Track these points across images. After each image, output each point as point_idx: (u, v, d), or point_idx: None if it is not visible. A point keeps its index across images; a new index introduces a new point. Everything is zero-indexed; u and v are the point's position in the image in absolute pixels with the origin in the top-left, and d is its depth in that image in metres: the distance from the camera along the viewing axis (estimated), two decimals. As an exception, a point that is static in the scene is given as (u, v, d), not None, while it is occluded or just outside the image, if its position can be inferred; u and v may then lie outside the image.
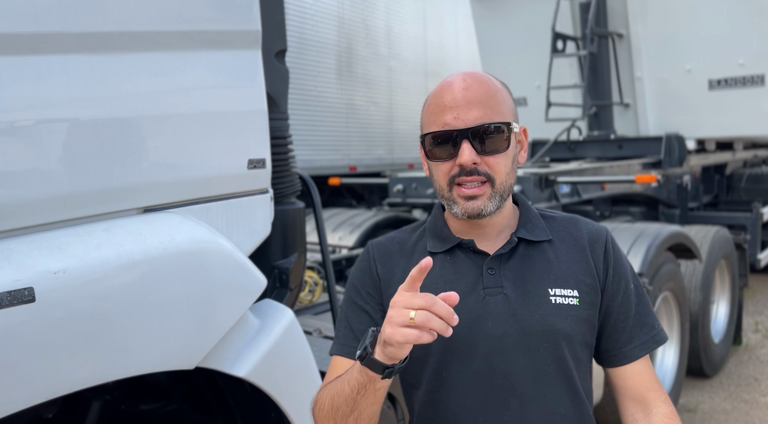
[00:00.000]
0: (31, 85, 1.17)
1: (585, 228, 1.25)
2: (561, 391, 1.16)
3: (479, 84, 1.13)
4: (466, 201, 1.12)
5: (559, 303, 1.16)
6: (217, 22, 1.47)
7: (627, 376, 1.24)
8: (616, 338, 1.23)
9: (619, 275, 1.23)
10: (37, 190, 1.18)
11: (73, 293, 1.14)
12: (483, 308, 1.15)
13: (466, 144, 1.10)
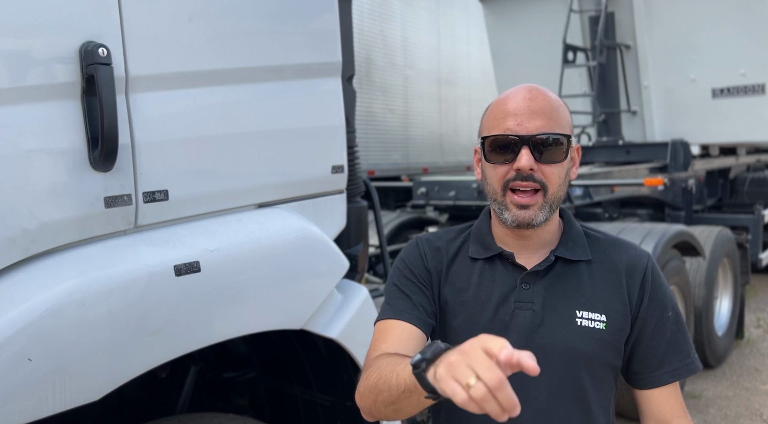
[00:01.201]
0: (193, 110, 1.58)
1: (626, 253, 1.26)
2: (573, 407, 1.21)
3: (543, 96, 1.19)
4: (517, 209, 1.17)
5: (584, 326, 1.20)
6: (312, 56, 1.89)
7: (653, 400, 1.26)
8: (647, 362, 1.25)
9: (656, 303, 1.24)
10: (194, 189, 1.59)
11: (223, 266, 1.55)
12: (511, 320, 1.21)
13: (526, 150, 1.15)
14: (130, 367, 1.38)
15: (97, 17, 1.39)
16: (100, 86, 1.34)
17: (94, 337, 1.30)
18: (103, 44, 1.36)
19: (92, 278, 1.33)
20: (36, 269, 1.30)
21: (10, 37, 1.26)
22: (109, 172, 1.41)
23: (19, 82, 1.28)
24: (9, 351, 1.19)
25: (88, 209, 1.39)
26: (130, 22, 1.44)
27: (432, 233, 1.37)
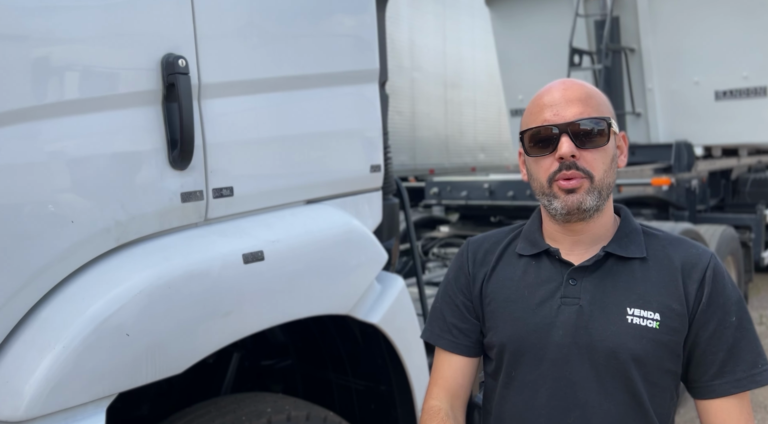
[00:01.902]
0: (253, 114, 1.76)
1: (686, 251, 1.22)
2: (628, 409, 1.16)
3: (578, 85, 1.20)
4: (566, 195, 1.15)
5: (636, 324, 1.16)
6: (354, 64, 2.07)
7: (712, 411, 1.20)
8: (704, 370, 1.19)
9: (716, 305, 1.18)
10: (255, 186, 1.77)
11: (283, 255, 1.73)
12: (557, 316, 1.19)
13: (565, 138, 1.15)
14: (208, 344, 1.55)
15: (176, 32, 1.56)
16: (180, 93, 1.52)
17: (178, 316, 1.48)
18: (182, 56, 1.54)
19: (176, 265, 1.50)
20: (127, 255, 1.48)
21: (104, 51, 1.44)
22: (185, 171, 1.59)
23: (111, 91, 1.45)
24: (111, 327, 1.36)
25: (167, 204, 1.56)
26: (202, 36, 1.61)
27: (483, 234, 1.41)
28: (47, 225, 1.34)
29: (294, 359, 2.59)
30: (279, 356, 2.64)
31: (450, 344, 1.35)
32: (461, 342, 1.34)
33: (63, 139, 1.37)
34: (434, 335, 1.37)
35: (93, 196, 1.42)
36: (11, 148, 1.28)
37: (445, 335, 1.35)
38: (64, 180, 1.37)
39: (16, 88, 1.29)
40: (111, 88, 1.45)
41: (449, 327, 1.35)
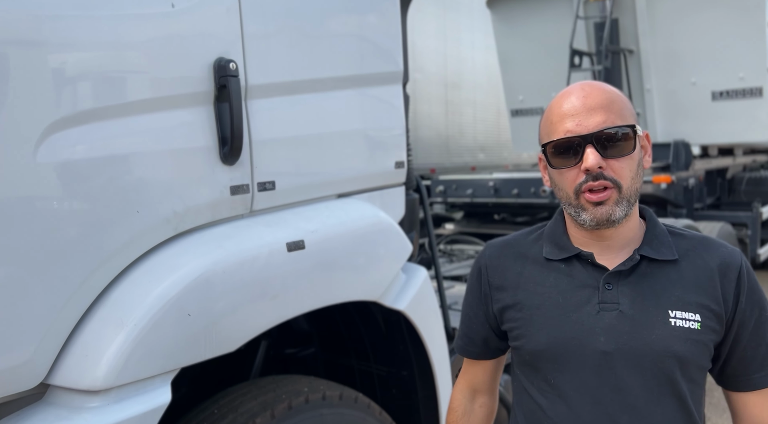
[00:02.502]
0: (292, 114, 1.90)
1: (717, 251, 1.22)
2: (674, 412, 1.17)
3: (599, 90, 1.17)
4: (594, 207, 1.14)
5: (679, 326, 1.16)
6: (382, 67, 2.21)
7: (751, 404, 1.23)
8: (746, 364, 1.21)
9: (753, 302, 1.20)
10: (294, 181, 1.91)
11: (321, 244, 1.87)
12: (596, 322, 1.17)
13: (591, 149, 1.12)
14: (258, 324, 1.70)
15: (226, 37, 1.71)
16: (231, 94, 1.66)
17: (232, 298, 1.62)
18: (232, 59, 1.68)
19: (229, 252, 1.65)
20: (184, 243, 1.62)
21: (166, 56, 1.58)
22: (234, 166, 1.73)
23: (170, 92, 1.59)
24: (174, 308, 1.50)
25: (218, 196, 1.70)
26: (249, 41, 1.76)
27: (502, 238, 1.38)
28: (117, 215, 1.48)
29: (317, 347, 2.73)
30: (302, 345, 2.78)
31: (476, 355, 1.43)
32: (483, 351, 1.41)
33: (130, 137, 1.51)
34: (461, 347, 1.44)
35: (155, 189, 1.56)
36: (87, 145, 1.42)
37: (470, 347, 1.42)
38: (131, 174, 1.51)
39: (93, 91, 1.43)
40: (171, 89, 1.59)
41: (473, 338, 1.40)
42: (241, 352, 2.50)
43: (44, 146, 1.34)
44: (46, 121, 1.34)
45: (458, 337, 1.45)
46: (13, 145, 1.30)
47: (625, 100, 1.20)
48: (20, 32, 1.32)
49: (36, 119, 1.33)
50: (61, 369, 1.41)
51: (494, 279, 1.32)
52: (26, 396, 1.44)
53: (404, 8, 2.46)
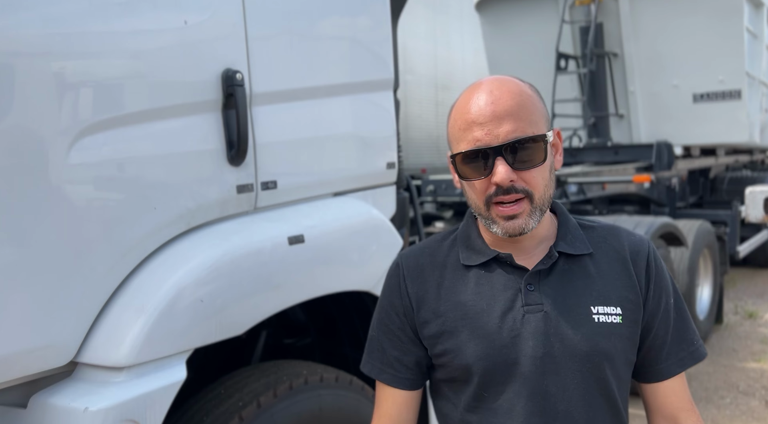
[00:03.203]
0: (292, 119, 2.08)
1: (626, 239, 1.22)
2: (604, 414, 1.15)
3: (509, 94, 1.09)
4: (505, 221, 1.10)
5: (603, 321, 1.13)
6: (375, 74, 2.40)
7: (661, 393, 1.22)
8: (654, 354, 1.20)
9: (660, 289, 1.19)
10: (294, 180, 2.09)
11: (319, 238, 2.05)
12: (523, 326, 1.13)
13: (501, 161, 1.06)
14: (262, 310, 1.87)
15: (233, 50, 1.88)
16: (237, 102, 1.84)
17: (239, 287, 1.80)
18: (238, 70, 1.86)
19: (236, 245, 1.82)
20: (196, 237, 1.79)
21: (180, 67, 1.75)
22: (240, 167, 1.90)
23: (184, 100, 1.77)
24: (188, 294, 1.68)
25: (226, 194, 1.88)
26: (253, 54, 1.93)
27: (415, 248, 1.29)
28: (137, 211, 1.65)
29: (314, 337, 2.90)
30: (299, 335, 2.96)
31: (392, 379, 1.26)
32: (404, 376, 1.25)
33: (148, 141, 1.68)
34: (375, 368, 1.27)
35: (170, 188, 1.73)
36: (112, 148, 1.59)
37: (387, 369, 1.25)
38: (149, 174, 1.68)
39: (116, 100, 1.60)
40: (184, 98, 1.77)
41: (390, 361, 1.25)
42: (242, 342, 2.67)
43: (75, 149, 1.52)
44: (76, 127, 1.52)
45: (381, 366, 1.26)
46: (49, 148, 1.47)
47: (536, 101, 1.13)
48: (55, 48, 1.49)
49: (68, 125, 1.50)
50: (89, 349, 1.58)
51: (414, 291, 1.22)
52: (57, 373, 1.61)
53: (395, 19, 2.64)
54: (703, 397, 4.50)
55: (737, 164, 8.69)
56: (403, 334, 1.24)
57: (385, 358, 1.26)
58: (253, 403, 1.90)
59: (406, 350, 1.24)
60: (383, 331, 1.27)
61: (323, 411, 2.06)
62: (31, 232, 1.45)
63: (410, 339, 1.24)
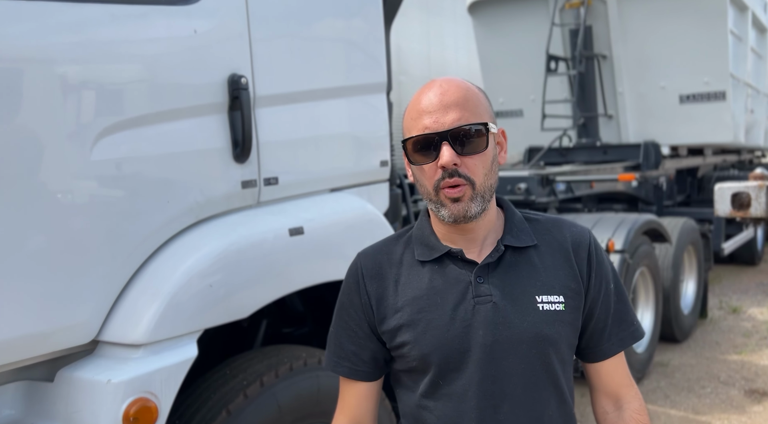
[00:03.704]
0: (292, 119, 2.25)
1: (568, 231, 1.31)
2: (549, 394, 1.24)
3: (456, 88, 1.20)
4: (452, 203, 1.19)
5: (546, 310, 1.22)
6: (369, 78, 2.57)
7: (603, 372, 1.34)
8: (597, 336, 1.31)
9: (601, 277, 1.30)
10: (293, 177, 2.26)
11: (318, 231, 2.22)
12: (474, 316, 1.21)
13: (446, 146, 1.16)
14: (265, 296, 2.04)
15: (237, 56, 2.05)
16: (242, 104, 2.01)
17: (245, 273, 1.97)
18: (243, 75, 2.03)
19: (242, 236, 1.99)
20: (205, 228, 1.96)
21: (191, 72, 1.92)
22: (244, 164, 2.07)
23: (194, 102, 1.93)
24: (199, 279, 1.85)
25: (232, 189, 2.05)
26: (256, 60, 2.10)
27: (372, 247, 1.38)
28: (152, 204, 1.82)
29: (311, 326, 3.07)
30: (297, 325, 3.12)
31: (349, 372, 1.33)
32: (361, 369, 1.33)
33: (161, 140, 1.85)
34: (332, 362, 1.36)
35: (181, 183, 1.90)
36: (129, 146, 1.76)
37: (344, 362, 1.33)
38: (162, 171, 1.85)
39: (132, 103, 1.77)
40: (193, 100, 1.94)
41: (347, 354, 1.33)
42: (244, 330, 2.84)
43: (97, 147, 1.68)
44: (98, 127, 1.68)
45: (338, 359, 1.35)
46: (74, 146, 1.64)
47: (482, 98, 1.24)
48: (79, 56, 1.66)
49: (91, 126, 1.67)
50: (109, 328, 1.75)
51: (372, 289, 1.30)
52: (79, 352, 1.78)
53: (388, 24, 2.82)
54: (684, 387, 4.69)
55: (725, 164, 8.89)
56: (360, 330, 1.32)
57: (342, 352, 1.34)
58: (256, 382, 2.07)
59: (363, 345, 1.32)
60: (342, 327, 1.35)
61: (321, 391, 2.23)
62: (59, 223, 1.62)
63: (366, 335, 1.31)
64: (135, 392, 1.66)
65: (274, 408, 2.08)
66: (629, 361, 3.42)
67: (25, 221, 1.56)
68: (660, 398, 4.50)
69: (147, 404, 1.67)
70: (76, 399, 1.66)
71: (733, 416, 4.18)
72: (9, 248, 1.53)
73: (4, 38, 1.52)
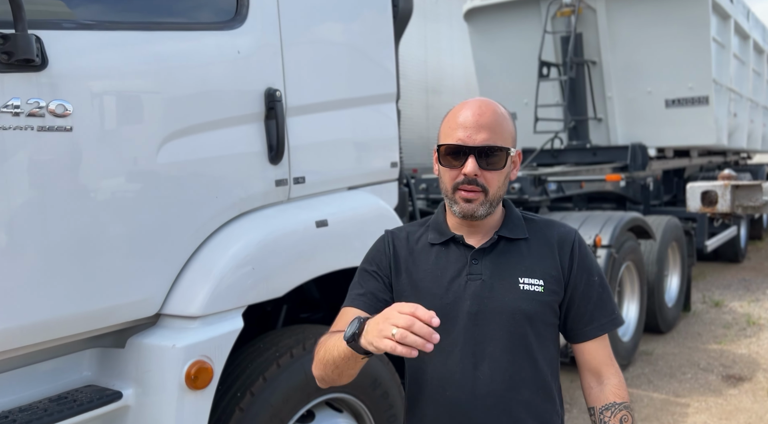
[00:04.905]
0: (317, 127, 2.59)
1: (557, 230, 1.56)
2: (522, 359, 1.47)
3: (491, 112, 1.43)
4: (463, 202, 1.43)
5: (526, 289, 1.46)
6: (382, 89, 2.92)
7: (586, 351, 1.56)
8: (579, 319, 1.54)
9: (583, 269, 1.53)
10: (318, 177, 2.60)
11: (340, 224, 2.57)
12: (464, 290, 1.47)
13: (472, 159, 1.40)
14: (297, 277, 2.39)
15: (273, 73, 2.40)
16: (277, 114, 2.35)
17: (280, 258, 2.32)
18: (277, 89, 2.37)
19: (276, 227, 2.34)
20: (246, 220, 2.31)
21: (236, 87, 2.26)
22: (277, 166, 2.42)
23: (238, 112, 2.28)
24: (243, 263, 2.19)
25: (267, 187, 2.39)
26: (288, 76, 2.45)
27: (399, 227, 1.68)
28: (204, 199, 2.16)
29: (325, 311, 3.42)
30: (313, 311, 3.47)
31: (364, 305, 1.53)
32: (373, 305, 1.53)
33: (212, 145, 2.19)
34: (350, 299, 1.57)
35: (227, 181, 2.24)
36: (187, 150, 2.10)
37: (361, 298, 1.55)
38: (213, 170, 2.19)
39: (189, 114, 2.11)
40: (237, 111, 2.28)
41: (366, 292, 1.55)
42: (267, 314, 3.18)
43: (162, 151, 2.03)
44: (163, 133, 2.03)
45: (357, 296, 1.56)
46: (144, 150, 1.98)
47: (510, 125, 1.49)
48: (149, 75, 2.00)
49: (157, 133, 2.01)
50: (170, 303, 2.09)
51: (396, 253, 1.58)
52: (144, 323, 2.12)
53: (397, 41, 3.17)
54: (667, 373, 5.05)
55: (711, 165, 9.28)
56: (380, 277, 1.57)
57: (360, 289, 1.56)
58: (287, 353, 2.42)
59: (381, 289, 1.56)
60: (363, 275, 1.59)
61: (341, 363, 2.58)
62: (131, 215, 1.96)
63: (384, 285, 1.56)
64: (195, 355, 2.00)
65: (302, 376, 2.42)
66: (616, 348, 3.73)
67: (104, 213, 1.90)
68: (644, 383, 4.86)
69: (204, 366, 2.02)
70: (146, 361, 2.01)
71: (711, 399, 4.55)
72: (93, 235, 1.87)
73: (95, 62, 1.87)
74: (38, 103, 1.72)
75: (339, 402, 2.66)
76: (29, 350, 1.87)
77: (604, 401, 1.51)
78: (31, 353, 1.91)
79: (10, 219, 1.70)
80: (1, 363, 1.86)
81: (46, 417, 1.79)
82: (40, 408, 1.85)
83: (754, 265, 9.10)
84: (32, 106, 1.71)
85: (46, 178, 1.77)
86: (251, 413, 2.25)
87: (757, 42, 9.13)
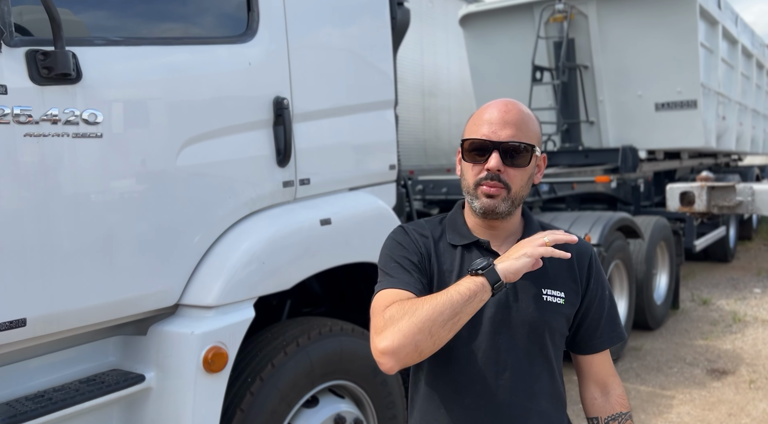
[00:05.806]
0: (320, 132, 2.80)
1: (576, 244, 1.49)
2: (542, 369, 1.47)
3: (517, 111, 1.42)
4: (485, 198, 1.40)
5: (550, 301, 1.45)
6: (381, 96, 3.12)
7: (594, 363, 1.58)
8: (591, 332, 1.54)
9: (598, 283, 1.53)
10: (322, 178, 2.80)
11: (342, 222, 2.77)
12: None
13: (496, 154, 1.38)
14: (303, 272, 2.59)
15: (280, 82, 2.60)
16: (285, 121, 2.56)
17: (288, 254, 2.52)
18: (285, 97, 2.58)
19: (284, 225, 2.54)
20: (256, 218, 2.51)
21: (248, 95, 2.46)
22: (285, 168, 2.62)
23: (248, 119, 2.48)
24: (254, 258, 2.39)
25: (275, 188, 2.60)
26: (294, 85, 2.65)
27: (414, 223, 1.58)
28: (219, 199, 2.37)
29: (327, 306, 3.62)
30: (316, 305, 3.67)
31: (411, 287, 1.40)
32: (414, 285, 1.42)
33: (226, 149, 2.39)
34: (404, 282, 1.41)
35: (239, 182, 2.44)
36: (204, 154, 2.30)
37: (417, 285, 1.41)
38: (227, 172, 2.39)
39: (205, 120, 2.31)
40: (248, 117, 2.48)
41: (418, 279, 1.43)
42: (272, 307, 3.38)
43: (181, 155, 2.23)
44: (182, 138, 2.23)
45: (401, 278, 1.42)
46: (165, 155, 2.18)
47: (536, 125, 1.47)
48: (168, 86, 2.20)
49: (177, 138, 2.21)
50: (188, 294, 2.29)
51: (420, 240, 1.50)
52: (162, 313, 2.32)
53: (395, 50, 3.37)
54: (654, 367, 5.27)
55: (701, 167, 9.49)
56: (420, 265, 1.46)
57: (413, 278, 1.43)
58: (293, 343, 2.62)
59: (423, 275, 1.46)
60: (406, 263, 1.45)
61: (343, 352, 2.78)
62: (152, 214, 2.16)
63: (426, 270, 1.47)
64: (211, 341, 2.20)
65: (307, 363, 2.62)
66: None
67: (129, 212, 2.10)
68: (632, 377, 5.08)
69: (220, 351, 2.22)
70: (167, 347, 2.21)
71: (695, 391, 4.76)
72: (121, 232, 2.07)
73: (122, 74, 2.07)
74: (73, 113, 1.92)
75: (341, 389, 2.86)
76: (64, 335, 2.07)
77: (611, 412, 1.56)
78: (63, 338, 2.11)
79: (49, 218, 1.89)
80: (38, 348, 2.06)
81: (78, 396, 1.99)
82: (72, 388, 2.05)
83: (743, 264, 9.34)
84: (68, 115, 1.91)
85: (79, 180, 1.97)
86: (261, 396, 2.45)
87: (746, 47, 9.36)
